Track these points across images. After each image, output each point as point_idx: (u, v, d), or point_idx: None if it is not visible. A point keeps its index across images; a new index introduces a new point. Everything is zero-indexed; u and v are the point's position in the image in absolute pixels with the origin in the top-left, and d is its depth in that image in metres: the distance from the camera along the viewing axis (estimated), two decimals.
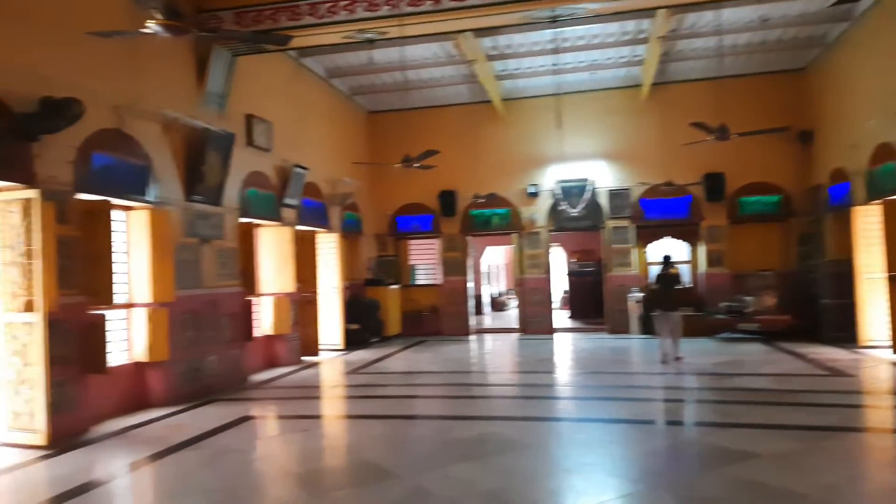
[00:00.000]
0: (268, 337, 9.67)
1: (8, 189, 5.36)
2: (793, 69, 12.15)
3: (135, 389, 6.80)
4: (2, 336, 5.33)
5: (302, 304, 10.24)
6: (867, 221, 9.92)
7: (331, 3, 7.85)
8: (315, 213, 11.12)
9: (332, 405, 7.47)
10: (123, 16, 5.53)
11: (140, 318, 6.90)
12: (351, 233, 12.71)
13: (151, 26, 4.86)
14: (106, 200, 6.24)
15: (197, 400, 7.07)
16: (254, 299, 9.21)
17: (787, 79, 12.23)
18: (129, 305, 6.87)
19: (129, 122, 6.74)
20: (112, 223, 6.31)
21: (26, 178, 5.41)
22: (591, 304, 15.00)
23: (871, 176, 9.42)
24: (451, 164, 13.06)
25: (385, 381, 8.66)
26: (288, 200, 10.00)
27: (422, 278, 14.54)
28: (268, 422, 6.53)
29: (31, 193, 5.34)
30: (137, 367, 6.87)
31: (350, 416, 6.78)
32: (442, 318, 13.76)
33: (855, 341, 9.99)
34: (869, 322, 9.93)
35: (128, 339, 6.90)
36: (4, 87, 5.25)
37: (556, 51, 11.00)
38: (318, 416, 6.77)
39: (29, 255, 5.28)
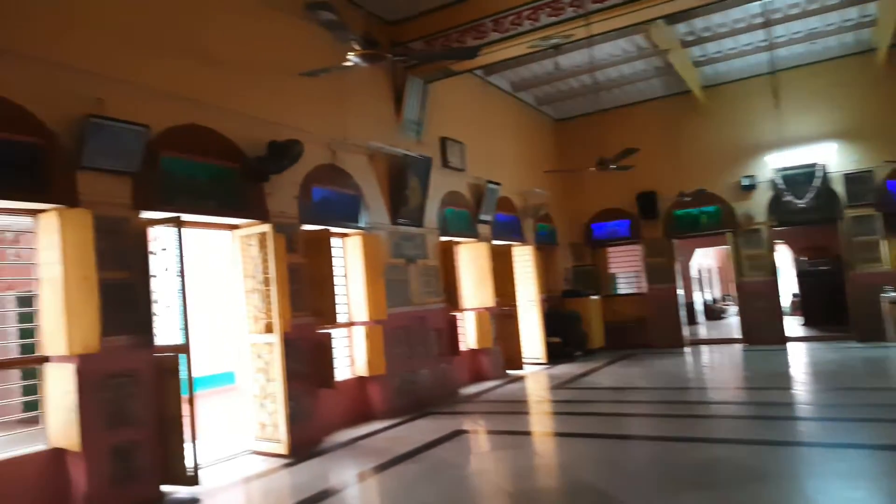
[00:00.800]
0: (473, 351, 9.84)
1: (247, 225, 6.10)
2: None
3: (358, 402, 7.30)
4: (248, 355, 6.05)
5: (502, 317, 10.28)
6: None
7: (514, 15, 7.85)
8: (509, 226, 11.15)
9: (541, 421, 7.29)
10: (327, 55, 6.01)
11: (359, 335, 7.42)
12: (545, 244, 12.53)
13: (352, 58, 5.19)
14: (326, 229, 6.83)
15: (412, 413, 7.38)
16: (457, 314, 9.44)
17: None
18: (349, 324, 7.43)
19: (340, 156, 7.35)
20: (332, 249, 6.87)
21: (261, 214, 6.13)
22: (828, 308, 12.99)
23: None
24: (648, 163, 12.16)
25: (593, 396, 8.27)
26: (483, 216, 10.16)
27: (624, 287, 13.81)
28: (479, 436, 6.55)
29: (265, 228, 6.01)
30: (359, 381, 7.38)
31: (560, 434, 6.54)
32: (649, 329, 12.88)
33: None
34: None
35: (350, 355, 7.46)
36: (240, 135, 6.01)
37: (765, 24, 9.78)
38: (527, 433, 6.63)
39: (266, 282, 5.93)
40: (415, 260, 8.40)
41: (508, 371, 10.27)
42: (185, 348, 4.89)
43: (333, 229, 7.07)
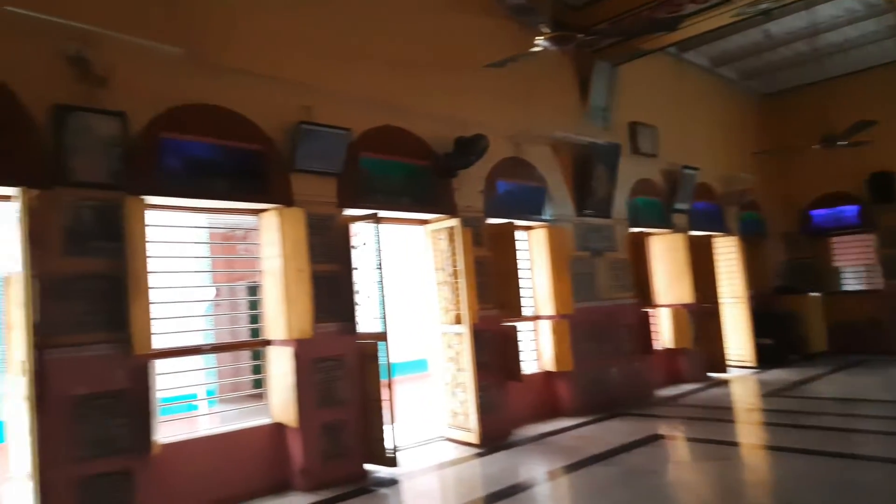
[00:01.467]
0: (668, 350, 9.18)
1: (437, 220, 6.30)
2: None
3: (545, 397, 7.19)
4: (440, 344, 6.25)
5: (702, 315, 9.43)
6: None
7: None
8: (708, 215, 10.21)
9: (750, 431, 6.54)
10: (510, 47, 5.93)
11: (545, 329, 7.30)
12: (752, 235, 11.25)
13: (540, 42, 5.07)
14: (510, 223, 6.81)
15: (602, 412, 7.08)
16: (650, 311, 8.87)
17: None
18: (535, 318, 7.34)
19: (524, 149, 7.28)
20: (516, 243, 6.84)
21: (450, 209, 6.29)
22: None
23: None
24: (883, 139, 10.36)
25: (814, 407, 7.23)
26: (678, 205, 9.43)
27: (851, 283, 11.91)
28: (679, 443, 6.07)
29: (453, 222, 6.15)
30: (546, 376, 7.27)
31: (774, 448, 5.80)
32: (887, 332, 10.94)
33: None
34: None
35: (536, 349, 7.38)
36: (430, 133, 6.22)
37: None
38: (734, 443, 5.96)
39: (455, 274, 6.07)
40: (602, 253, 8.05)
41: (710, 374, 9.40)
42: (383, 336, 5.18)
43: (518, 222, 7.03)
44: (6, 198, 3.89)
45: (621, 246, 8.41)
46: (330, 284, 5.18)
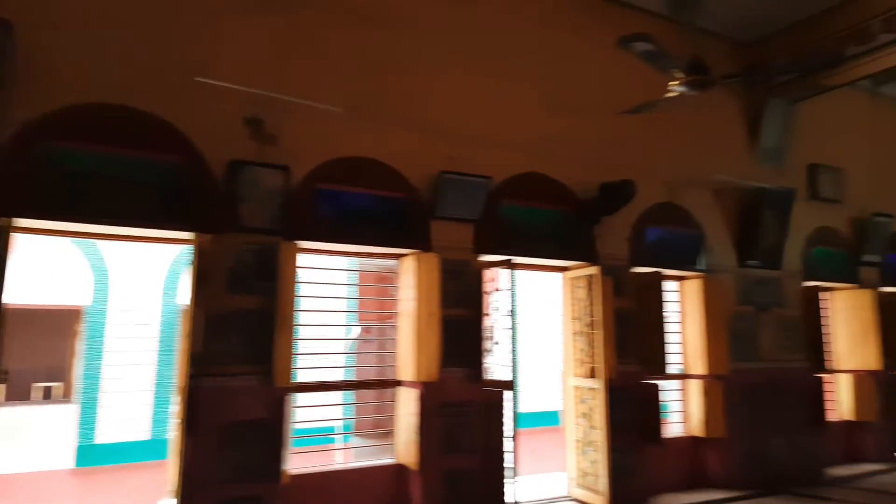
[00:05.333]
0: (846, 423, 7.97)
1: (576, 267, 6.16)
2: None
3: (691, 465, 6.59)
4: (571, 398, 6.04)
5: (889, 385, 8.07)
6: None
7: None
8: None
9: None
10: (659, 87, 5.68)
11: (694, 390, 6.74)
12: None
13: (675, 88, 4.81)
14: (657, 272, 6.44)
15: (759, 488, 6.33)
16: (825, 377, 7.79)
17: None
18: (682, 376, 6.82)
19: (680, 193, 6.88)
20: (664, 294, 6.45)
21: (590, 256, 6.13)
22: None
23: None
24: None
25: None
26: (867, 257, 8.25)
27: None
28: None
29: (593, 270, 5.97)
30: (693, 441, 6.68)
31: None
32: None
33: None
34: None
35: (683, 411, 6.82)
36: (573, 178, 6.15)
37: None
38: None
39: (592, 325, 5.86)
40: (768, 308, 7.27)
41: None
42: (510, 385, 5.15)
43: (667, 272, 6.63)
44: (183, 241, 4.54)
45: (792, 301, 7.53)
46: (460, 329, 5.28)
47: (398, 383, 5.25)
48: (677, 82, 4.76)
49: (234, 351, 4.38)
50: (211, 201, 4.51)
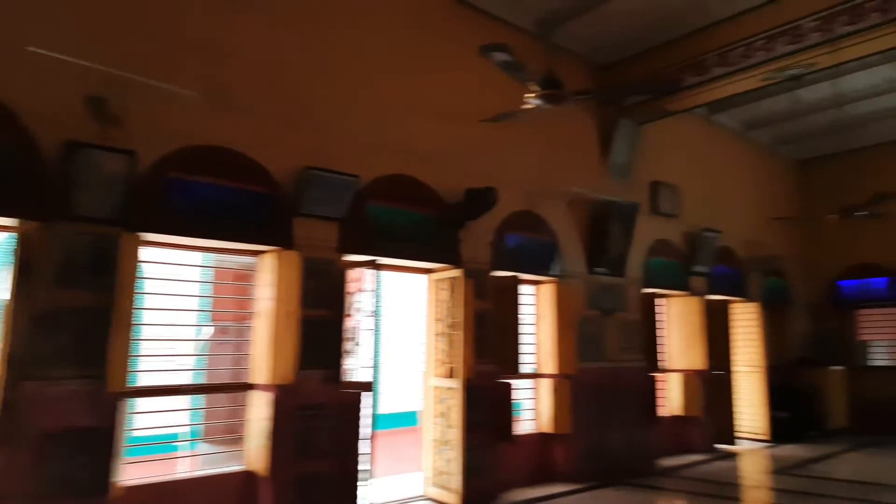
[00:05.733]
0: (675, 418, 8.86)
1: (441, 269, 6.28)
2: None
3: (540, 460, 6.97)
4: (430, 398, 6.15)
5: (713, 383, 9.10)
6: None
7: (744, 48, 7.09)
8: (729, 280, 9.94)
9: None
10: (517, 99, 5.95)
11: (545, 388, 7.13)
12: (776, 303, 10.90)
13: (531, 100, 5.09)
14: (515, 276, 6.74)
15: (599, 479, 6.82)
16: (658, 375, 8.60)
17: None
18: (534, 376, 7.19)
19: (538, 202, 7.25)
20: (520, 297, 6.75)
21: (454, 259, 6.26)
22: None
23: None
24: None
25: (826, 489, 6.84)
26: (696, 268, 9.21)
27: (878, 358, 11.37)
28: None
29: (457, 272, 6.12)
30: (542, 438, 7.07)
31: None
32: None
33: None
34: None
35: (535, 409, 7.19)
36: (442, 183, 6.24)
37: None
38: None
39: (454, 326, 6.00)
40: (612, 312, 7.88)
41: (718, 445, 9.02)
42: (369, 386, 5.13)
43: (524, 276, 6.96)
44: (4, 228, 4.01)
45: (633, 306, 8.22)
46: (320, 330, 5.16)
47: (251, 387, 5.02)
48: (533, 95, 5.03)
49: (61, 352, 3.94)
50: (38, 185, 4.03)
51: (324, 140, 5.45)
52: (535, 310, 7.40)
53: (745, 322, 10.12)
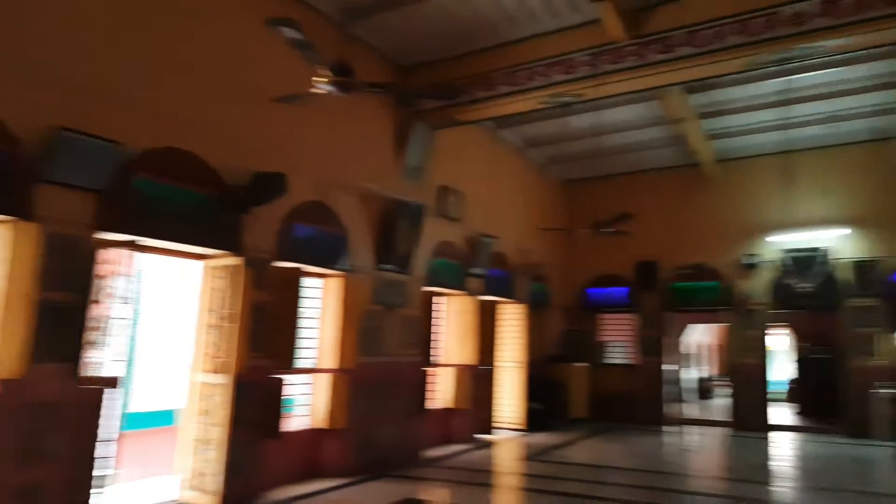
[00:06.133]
0: (444, 410, 9.40)
1: (218, 256, 5.84)
2: None
3: (311, 457, 6.87)
4: (194, 395, 5.69)
5: (480, 377, 9.86)
6: None
7: (527, 70, 7.72)
8: (501, 283, 10.84)
9: (504, 497, 6.82)
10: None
11: (323, 383, 7.05)
12: (539, 305, 12.18)
13: (320, 85, 5.03)
14: (298, 268, 6.56)
15: (369, 473, 6.93)
16: (432, 370, 9.05)
17: None
18: (312, 371, 7.07)
19: (330, 194, 7.13)
20: (302, 289, 6.58)
21: (235, 246, 5.86)
22: (825, 399, 12.45)
23: None
24: (651, 233, 12.22)
25: (565, 473, 7.78)
26: (474, 270, 9.88)
27: (614, 357, 13.35)
28: None
29: (236, 260, 5.75)
30: (316, 434, 6.98)
31: None
32: (636, 403, 12.40)
33: None
34: None
35: (311, 404, 7.07)
36: (226, 163, 5.78)
37: (784, 103, 9.62)
38: None
39: (228, 318, 5.62)
40: (395, 308, 8.09)
41: (479, 435, 9.78)
42: (115, 382, 4.57)
43: (310, 268, 6.81)
44: None
45: (414, 303, 8.52)
46: (61, 317, 4.46)
47: None
48: (324, 79, 4.96)
49: None
50: None
51: (83, 99, 4.73)
52: (320, 303, 7.27)
53: (512, 321, 11.12)
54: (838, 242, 11.05)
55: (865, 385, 10.35)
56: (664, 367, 12.44)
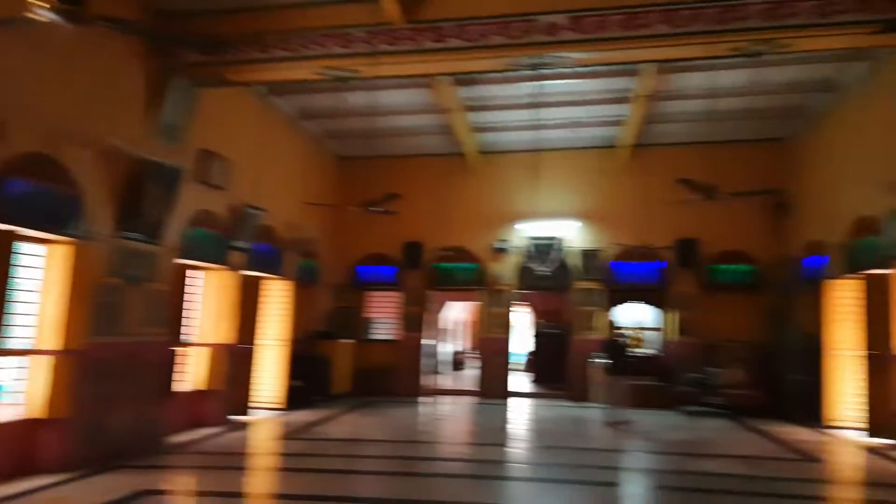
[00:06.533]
0: (196, 393, 8.71)
1: None
2: (776, 138, 11.98)
3: (21, 451, 5.82)
4: None
5: (238, 356, 9.36)
6: (841, 296, 9.73)
7: (303, 37, 7.38)
8: (268, 258, 10.40)
9: (259, 479, 6.59)
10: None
11: (42, 367, 6.03)
12: (307, 281, 11.97)
13: (39, 10, 4.27)
14: (9, 230, 5.48)
15: (98, 465, 6.11)
16: (182, 350, 8.32)
17: (770, 147, 12.05)
18: (27, 352, 5.99)
19: (60, 146, 6.04)
20: (16, 256, 5.52)
21: None
22: (555, 368, 14.35)
23: (849, 249, 9.19)
24: (419, 215, 12.80)
25: (321, 449, 7.80)
26: (237, 243, 9.28)
27: (380, 333, 13.75)
28: (174, 499, 5.62)
29: None
30: (30, 424, 5.94)
31: (278, 496, 5.91)
32: (397, 376, 12.96)
33: (820, 421, 9.66)
34: (836, 401, 9.68)
35: (27, 391, 6.00)
36: None
37: (536, 105, 10.70)
38: (236, 494, 5.77)
39: None
40: (140, 282, 7.20)
41: (233, 417, 9.25)
42: None
43: (28, 232, 5.73)
44: None
45: (164, 277, 7.68)
46: None
47: None
48: (45, 4, 4.19)
49: None
50: None
51: None
52: (42, 274, 6.17)
53: (278, 298, 10.76)
54: (571, 233, 12.72)
55: (585, 355, 12.14)
56: (424, 341, 13.16)
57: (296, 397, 10.71)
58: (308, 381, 11.12)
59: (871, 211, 8.45)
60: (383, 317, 13.75)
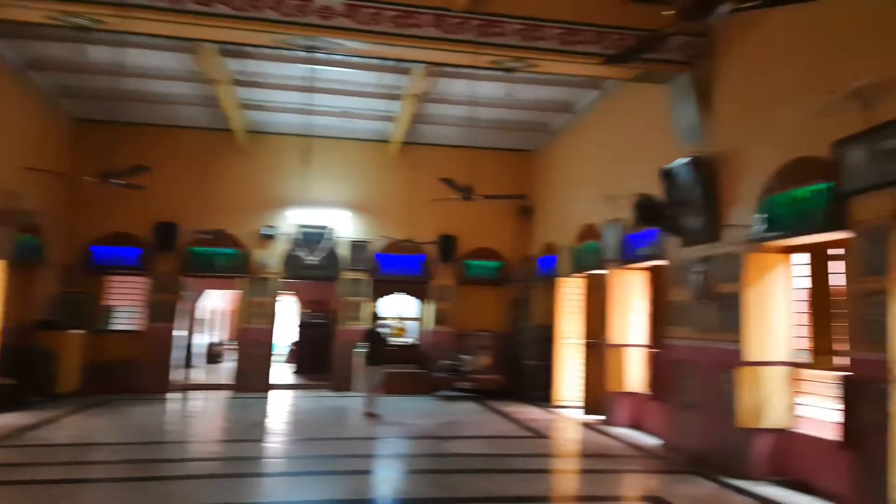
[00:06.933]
0: None
1: None
2: (525, 149, 13.35)
3: None
4: None
5: None
6: (568, 292, 11.28)
7: None
8: None
9: None
10: None
11: None
12: (27, 261, 10.09)
13: None
14: None
15: None
16: None
17: (519, 157, 13.38)
18: None
19: None
20: None
21: None
22: (319, 358, 14.23)
23: (576, 251, 10.64)
24: (174, 193, 11.75)
25: (38, 457, 6.67)
26: None
27: (120, 323, 12.20)
28: None
29: None
30: None
31: None
32: (140, 371, 11.59)
33: (549, 401, 11.07)
34: (562, 383, 11.20)
35: None
36: None
37: (309, 89, 10.40)
38: None
39: None
40: None
41: None
42: None
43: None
44: None
45: None
46: None
47: None
48: None
49: None
50: None
51: None
52: None
53: None
54: (341, 223, 12.72)
55: (350, 345, 12.22)
56: (175, 332, 12.01)
57: (6, 398, 8.95)
58: (23, 379, 9.39)
59: (594, 219, 9.91)
60: (127, 304, 12.24)
